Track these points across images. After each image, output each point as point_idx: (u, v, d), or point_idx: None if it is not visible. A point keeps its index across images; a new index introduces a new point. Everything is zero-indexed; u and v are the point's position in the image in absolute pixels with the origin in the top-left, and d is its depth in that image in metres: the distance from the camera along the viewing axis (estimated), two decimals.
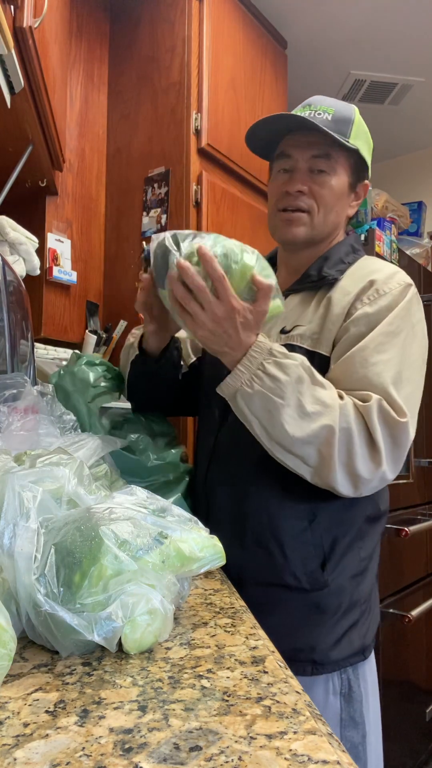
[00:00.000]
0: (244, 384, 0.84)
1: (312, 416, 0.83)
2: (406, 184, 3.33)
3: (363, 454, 0.85)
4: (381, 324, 0.92)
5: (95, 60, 2.10)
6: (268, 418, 0.84)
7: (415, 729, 2.05)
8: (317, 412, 0.83)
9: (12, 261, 1.48)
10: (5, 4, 1.11)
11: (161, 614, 0.52)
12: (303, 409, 0.83)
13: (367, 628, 0.99)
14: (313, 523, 0.94)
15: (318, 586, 0.93)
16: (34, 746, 0.37)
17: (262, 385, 0.83)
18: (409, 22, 2.38)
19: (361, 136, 1.04)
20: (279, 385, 0.83)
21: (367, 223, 2.02)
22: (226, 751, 0.37)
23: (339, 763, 0.35)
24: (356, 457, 0.85)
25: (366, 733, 0.96)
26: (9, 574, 0.51)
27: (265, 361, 0.84)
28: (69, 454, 0.67)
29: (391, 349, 0.91)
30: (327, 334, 0.95)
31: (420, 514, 2.12)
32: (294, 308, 1.03)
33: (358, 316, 0.93)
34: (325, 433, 0.83)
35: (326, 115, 1.00)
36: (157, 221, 1.92)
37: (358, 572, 0.97)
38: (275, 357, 0.84)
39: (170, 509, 0.63)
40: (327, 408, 0.84)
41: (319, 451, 0.84)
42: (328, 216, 1.02)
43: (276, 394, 0.83)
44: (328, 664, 0.93)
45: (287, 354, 0.86)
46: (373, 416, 0.85)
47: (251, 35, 2.17)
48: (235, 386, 0.85)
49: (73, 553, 0.51)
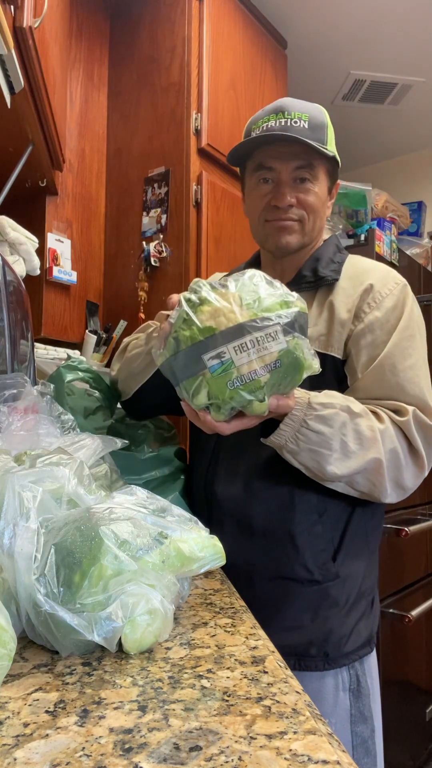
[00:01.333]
0: (289, 441, 0.86)
1: (358, 453, 0.87)
2: (406, 184, 3.33)
3: (409, 467, 0.91)
4: (398, 329, 0.97)
5: (95, 60, 2.10)
6: (316, 466, 0.87)
7: (415, 729, 2.05)
8: (362, 448, 0.87)
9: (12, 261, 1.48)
10: (5, 4, 1.11)
11: (161, 614, 0.52)
12: (348, 449, 0.87)
13: (373, 619, 1.03)
14: (323, 515, 0.96)
15: (330, 577, 0.95)
16: (34, 746, 0.37)
17: (308, 442, 0.85)
18: (409, 22, 2.38)
19: (332, 139, 1.06)
20: (324, 439, 0.85)
21: (367, 223, 2.02)
22: (226, 751, 0.37)
23: (339, 763, 0.35)
24: (404, 471, 0.91)
25: (374, 728, 0.99)
26: (9, 574, 0.51)
27: (307, 417, 0.85)
28: (69, 454, 0.67)
29: (414, 353, 0.96)
30: (337, 336, 0.98)
31: (420, 514, 2.12)
32: None
33: (370, 322, 0.97)
34: (374, 465, 0.88)
35: (303, 122, 1.00)
36: (157, 221, 1.92)
37: (366, 564, 1.01)
38: (316, 411, 0.85)
39: (170, 509, 0.63)
40: (370, 441, 0.88)
41: (368, 480, 0.89)
42: (316, 223, 1.05)
43: (322, 446, 0.86)
44: (340, 657, 0.95)
45: (325, 404, 0.86)
46: (413, 429, 0.90)
47: (251, 35, 2.16)
48: (280, 443, 0.87)
49: (73, 553, 0.51)
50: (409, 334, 0.97)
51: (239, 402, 0.73)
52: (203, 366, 0.71)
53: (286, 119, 1.00)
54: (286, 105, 1.02)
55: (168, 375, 0.77)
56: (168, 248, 1.88)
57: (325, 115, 1.04)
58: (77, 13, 2.01)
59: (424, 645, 2.16)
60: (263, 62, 2.22)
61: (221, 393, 0.72)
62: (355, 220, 2.05)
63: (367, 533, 1.01)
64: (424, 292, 2.32)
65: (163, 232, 1.90)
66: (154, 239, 1.91)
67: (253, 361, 0.71)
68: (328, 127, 1.04)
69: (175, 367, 0.74)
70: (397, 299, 0.99)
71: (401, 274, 1.07)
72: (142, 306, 1.91)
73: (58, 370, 1.10)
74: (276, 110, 1.02)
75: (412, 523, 1.92)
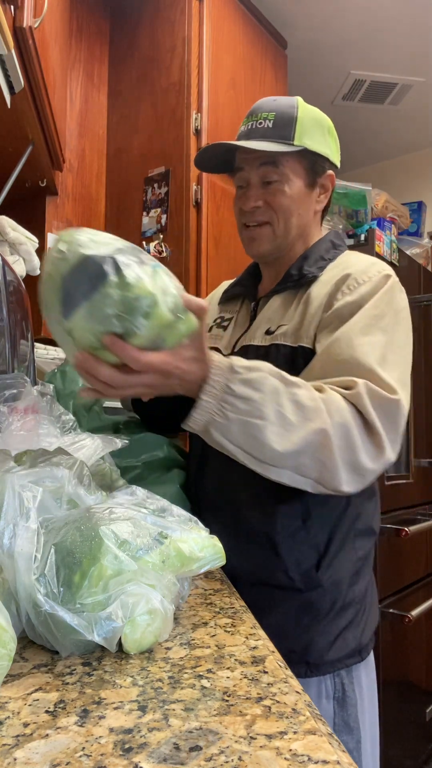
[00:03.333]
0: (215, 414, 0.74)
1: (298, 425, 0.76)
2: (406, 184, 3.33)
3: (365, 444, 0.80)
4: (365, 308, 0.89)
5: (95, 60, 2.10)
6: (252, 443, 0.75)
7: (415, 729, 2.05)
8: (304, 418, 0.76)
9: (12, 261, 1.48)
10: (5, 4, 1.11)
11: (161, 614, 0.52)
12: (286, 420, 0.75)
13: (362, 628, 0.98)
14: (307, 522, 0.93)
15: (312, 586, 0.93)
16: (34, 746, 0.37)
17: (236, 411, 0.74)
18: (409, 22, 2.38)
19: (309, 130, 1.00)
20: (255, 405, 0.74)
21: (367, 223, 2.02)
22: (226, 751, 0.37)
23: (339, 763, 0.35)
24: (359, 449, 0.79)
25: (361, 739, 0.95)
26: (9, 574, 0.51)
27: (230, 382, 0.74)
28: (69, 454, 0.67)
29: (377, 333, 0.87)
30: (307, 326, 0.94)
31: (420, 514, 2.12)
32: (277, 309, 1.02)
33: (339, 306, 0.91)
34: (319, 438, 0.77)
35: (267, 122, 0.99)
36: (157, 221, 1.92)
37: (353, 572, 0.97)
38: (239, 374, 0.75)
39: (170, 509, 0.63)
40: (312, 411, 0.77)
41: (317, 459, 0.78)
42: (289, 223, 1.01)
43: (254, 415, 0.74)
44: (323, 665, 0.92)
45: (250, 366, 0.77)
46: (365, 400, 0.80)
47: (251, 35, 2.16)
48: (204, 419, 0.75)
49: (73, 553, 0.51)
50: (377, 314, 0.88)
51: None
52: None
53: (253, 122, 1.01)
54: (258, 107, 1.03)
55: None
56: (168, 248, 1.88)
57: (298, 107, 1.01)
58: (77, 13, 2.01)
59: (424, 645, 2.16)
60: (263, 62, 2.22)
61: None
62: (355, 220, 2.05)
63: (356, 539, 0.97)
64: (424, 292, 2.32)
65: (163, 232, 1.90)
66: (154, 239, 1.91)
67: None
68: (299, 120, 0.99)
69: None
70: (375, 286, 0.91)
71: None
72: None
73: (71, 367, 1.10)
74: (249, 113, 1.03)
75: (412, 523, 1.92)
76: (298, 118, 0.99)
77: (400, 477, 1.99)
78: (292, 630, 0.92)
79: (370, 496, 1.01)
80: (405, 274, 2.06)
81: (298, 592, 0.93)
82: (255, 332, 1.03)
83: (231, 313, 1.15)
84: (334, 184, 1.06)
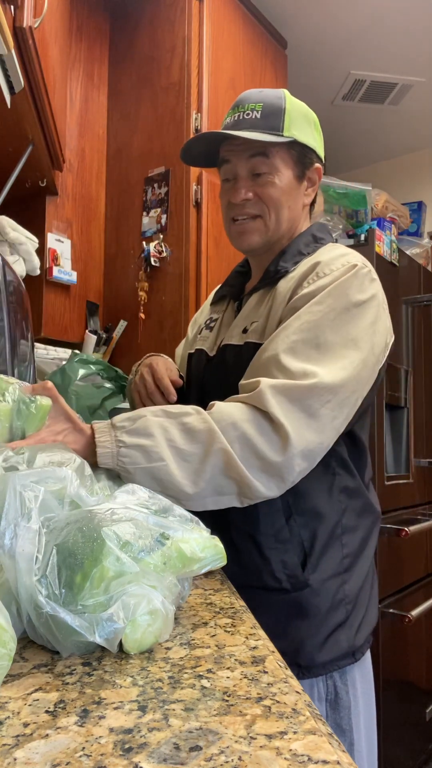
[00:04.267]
0: (121, 470, 0.77)
1: (196, 452, 0.76)
2: (406, 184, 3.33)
3: (269, 441, 0.78)
4: (313, 300, 0.86)
5: (95, 60, 2.10)
6: (163, 485, 0.76)
7: (415, 729, 2.05)
8: (199, 443, 0.76)
9: (12, 261, 1.48)
10: (5, 4, 1.11)
11: (162, 615, 0.52)
12: (183, 452, 0.76)
13: (356, 629, 0.96)
14: (290, 520, 0.92)
15: (299, 586, 0.92)
16: (34, 746, 0.37)
17: (134, 463, 0.76)
18: (409, 22, 2.38)
19: (297, 121, 0.98)
20: (149, 451, 0.76)
21: (367, 223, 2.02)
22: (226, 751, 0.37)
23: (339, 763, 0.35)
24: (262, 451, 0.77)
25: (354, 741, 0.94)
26: (10, 574, 0.51)
27: (117, 438, 0.77)
28: (72, 452, 0.67)
29: (304, 317, 0.84)
30: (272, 323, 0.93)
31: (420, 514, 2.12)
32: (254, 306, 1.01)
33: (295, 299, 0.89)
34: (221, 458, 0.76)
35: (254, 113, 0.97)
36: (157, 221, 1.92)
37: (343, 570, 0.95)
38: (123, 428, 0.77)
39: (172, 509, 0.63)
40: (205, 433, 0.77)
41: (228, 477, 0.77)
42: (280, 215, 0.99)
43: (153, 460, 0.75)
44: (314, 667, 0.91)
45: (131, 416, 0.79)
46: (265, 397, 0.78)
47: (251, 35, 2.16)
48: (113, 464, 0.77)
49: (75, 554, 0.51)
50: (318, 300, 0.85)
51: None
52: None
53: (240, 113, 0.98)
54: (243, 98, 1.00)
55: None
56: (168, 248, 1.88)
57: (285, 99, 0.99)
58: (77, 13, 2.01)
59: (424, 645, 2.16)
60: (263, 62, 2.22)
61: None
62: (355, 220, 2.05)
63: (343, 535, 0.95)
64: (424, 292, 2.32)
65: (163, 232, 1.90)
66: (154, 239, 1.91)
67: None
68: (287, 112, 0.97)
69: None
70: (334, 278, 0.88)
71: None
72: (142, 306, 1.91)
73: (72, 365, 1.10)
74: (235, 105, 1.01)
75: (412, 523, 1.92)
76: (287, 110, 0.98)
77: (400, 477, 1.99)
78: (282, 632, 0.90)
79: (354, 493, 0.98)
80: (405, 274, 2.06)
81: (285, 592, 0.92)
82: (233, 331, 1.02)
83: (218, 313, 1.14)
84: (320, 178, 1.04)
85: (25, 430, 0.73)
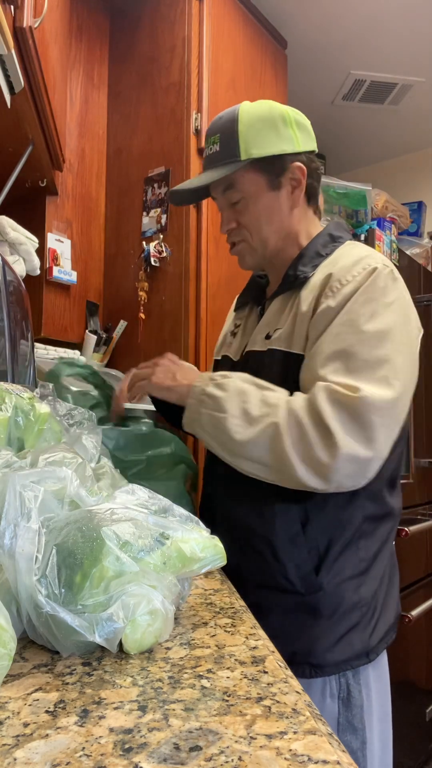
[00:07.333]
0: (194, 412, 0.93)
1: (258, 419, 0.87)
2: (406, 184, 3.33)
3: (316, 439, 0.84)
4: (340, 314, 0.90)
5: (95, 60, 2.10)
6: (218, 433, 0.90)
7: (415, 729, 2.05)
8: (264, 414, 0.87)
9: (12, 261, 1.48)
10: (5, 4, 1.11)
11: (162, 615, 0.52)
12: (248, 415, 0.88)
13: (371, 631, 0.96)
14: (306, 525, 0.93)
15: (313, 590, 0.92)
16: (34, 746, 0.37)
17: (206, 406, 0.91)
18: (409, 22, 2.38)
19: (253, 137, 0.98)
20: (218, 402, 0.90)
21: (367, 223, 2.02)
22: (226, 751, 0.37)
23: (339, 763, 0.35)
24: (312, 444, 0.84)
25: (366, 740, 0.94)
26: (10, 574, 0.51)
27: (206, 386, 0.93)
28: (74, 452, 0.67)
29: (346, 338, 0.88)
30: (298, 332, 0.95)
31: (420, 514, 2.13)
32: (276, 312, 1.02)
33: (321, 311, 0.91)
34: (272, 430, 0.86)
35: (215, 147, 1.02)
36: (157, 221, 1.92)
37: (358, 573, 0.95)
38: (215, 380, 0.93)
39: (172, 509, 0.63)
40: (273, 407, 0.87)
41: (270, 449, 0.86)
42: (261, 234, 1.03)
43: (217, 409, 0.90)
44: (326, 666, 0.92)
45: (225, 374, 0.95)
46: (319, 399, 0.84)
47: (251, 35, 2.16)
48: (191, 417, 0.94)
49: (75, 554, 0.51)
50: (351, 318, 0.88)
51: None
52: None
53: (207, 150, 1.04)
54: (208, 131, 1.05)
55: None
56: (168, 248, 1.88)
57: (239, 119, 0.99)
58: (77, 12, 2.01)
59: (424, 645, 2.16)
60: (263, 62, 2.22)
61: None
62: (355, 220, 2.05)
63: (360, 540, 0.95)
64: (424, 292, 2.32)
65: (163, 232, 1.90)
66: (154, 239, 1.91)
67: None
68: (241, 133, 0.98)
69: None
70: (356, 287, 0.90)
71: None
72: (142, 306, 1.91)
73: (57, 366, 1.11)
74: (205, 137, 1.06)
75: (412, 523, 1.92)
76: (240, 131, 0.98)
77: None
78: (295, 632, 0.92)
79: (381, 498, 0.98)
80: (405, 274, 2.05)
81: (299, 595, 0.93)
82: (256, 337, 1.04)
83: (241, 319, 1.17)
84: (305, 173, 1.02)
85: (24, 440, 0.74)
